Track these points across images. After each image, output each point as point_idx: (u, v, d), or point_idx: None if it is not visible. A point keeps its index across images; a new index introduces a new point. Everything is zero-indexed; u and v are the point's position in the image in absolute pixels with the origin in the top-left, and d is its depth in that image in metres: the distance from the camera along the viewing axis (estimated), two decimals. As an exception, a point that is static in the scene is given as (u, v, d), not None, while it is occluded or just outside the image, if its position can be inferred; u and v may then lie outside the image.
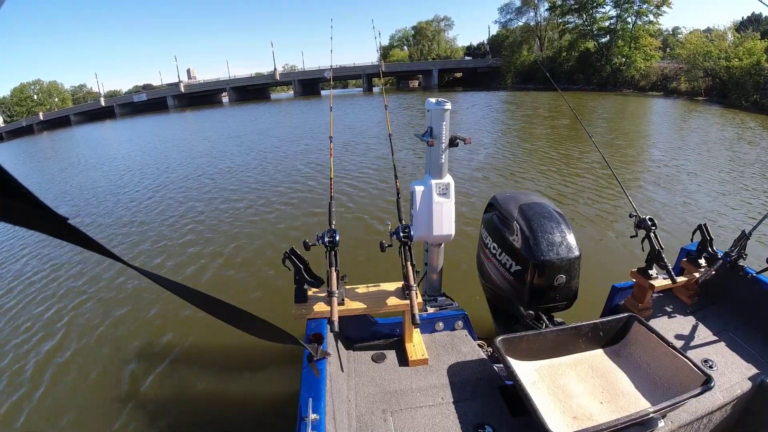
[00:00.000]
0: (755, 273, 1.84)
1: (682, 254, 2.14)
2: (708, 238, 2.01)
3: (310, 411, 1.15)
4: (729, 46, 20.93)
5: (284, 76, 48.27)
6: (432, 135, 2.02)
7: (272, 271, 4.42)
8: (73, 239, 0.41)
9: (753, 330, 1.81)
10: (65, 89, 51.65)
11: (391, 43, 58.59)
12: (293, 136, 15.19)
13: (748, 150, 8.84)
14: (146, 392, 2.90)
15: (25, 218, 0.35)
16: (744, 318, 1.88)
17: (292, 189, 7.59)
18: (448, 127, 2.03)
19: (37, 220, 0.37)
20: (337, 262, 1.64)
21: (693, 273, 1.99)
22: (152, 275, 0.57)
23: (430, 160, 2.07)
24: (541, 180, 7.09)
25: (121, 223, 6.78)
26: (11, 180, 0.33)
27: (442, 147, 2.03)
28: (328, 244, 1.65)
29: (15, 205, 0.34)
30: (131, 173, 10.94)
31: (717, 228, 4.52)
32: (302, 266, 1.63)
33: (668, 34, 40.24)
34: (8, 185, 0.33)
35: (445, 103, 1.99)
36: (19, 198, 0.34)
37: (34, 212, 0.35)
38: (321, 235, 1.66)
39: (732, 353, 1.70)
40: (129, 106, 44.39)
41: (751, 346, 1.73)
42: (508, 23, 42.36)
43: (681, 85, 23.27)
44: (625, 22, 29.79)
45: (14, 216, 0.34)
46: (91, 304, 4.21)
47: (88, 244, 0.43)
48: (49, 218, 0.37)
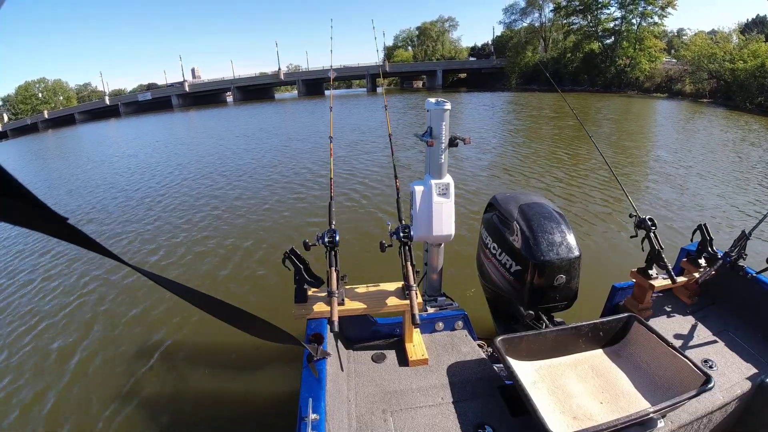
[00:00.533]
0: (755, 273, 1.84)
1: (682, 254, 2.14)
2: (708, 238, 2.01)
3: (310, 411, 1.16)
4: (734, 48, 20.95)
5: (288, 76, 48.37)
6: (432, 135, 2.02)
7: (272, 271, 4.42)
8: (73, 239, 0.41)
9: (753, 330, 1.81)
10: (70, 88, 51.79)
11: (396, 43, 58.72)
12: (299, 135, 15.25)
13: (749, 150, 8.85)
14: (145, 392, 2.90)
15: (25, 218, 0.36)
16: (744, 318, 1.88)
17: (294, 189, 7.60)
18: (448, 127, 2.03)
19: (37, 220, 0.37)
20: (337, 262, 1.64)
21: (693, 273, 1.99)
22: (152, 275, 0.57)
23: (430, 160, 2.08)
24: (541, 180, 7.09)
25: (131, 220, 6.80)
26: (11, 180, 0.33)
27: (442, 147, 2.03)
28: (328, 244, 1.66)
29: (15, 205, 0.34)
30: (130, 173, 10.96)
31: (717, 228, 4.53)
32: (302, 266, 1.63)
33: (673, 35, 40.36)
34: (8, 185, 0.33)
35: (445, 104, 1.99)
36: (19, 198, 0.34)
37: (34, 212, 0.36)
38: (321, 235, 1.66)
39: (732, 353, 1.70)
40: (133, 105, 44.46)
41: (751, 346, 1.73)
42: (513, 24, 42.50)
43: (685, 87, 23.30)
44: (629, 24, 29.82)
45: (14, 216, 0.34)
46: (90, 304, 4.21)
47: (88, 244, 0.43)
48: (49, 218, 0.37)
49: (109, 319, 3.88)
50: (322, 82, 48.57)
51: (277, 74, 47.19)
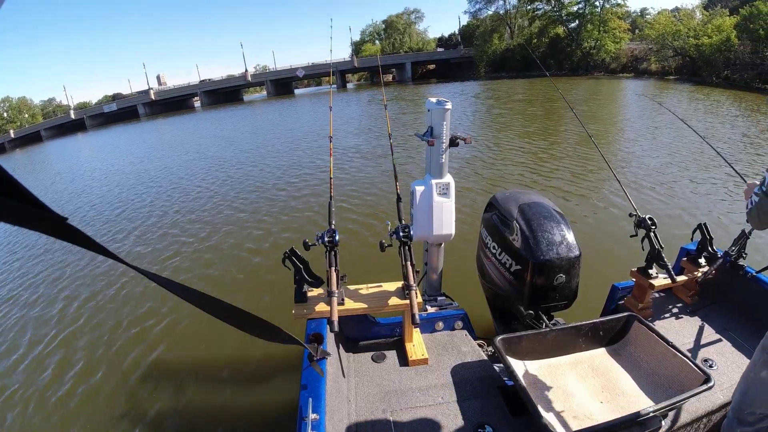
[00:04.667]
0: (755, 272, 1.85)
1: (682, 253, 2.14)
2: (708, 238, 2.01)
3: (310, 411, 1.16)
4: (698, 24, 21.23)
5: (256, 77, 47.55)
6: (432, 135, 2.02)
7: (272, 270, 4.41)
8: (72, 239, 0.41)
9: (753, 329, 1.81)
10: (35, 104, 50.33)
11: (363, 38, 57.72)
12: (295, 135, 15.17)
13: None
14: (145, 392, 2.90)
15: (25, 218, 0.35)
16: (744, 317, 1.88)
17: (294, 188, 7.59)
18: (449, 126, 2.03)
19: (37, 220, 0.37)
20: (337, 262, 1.64)
21: (693, 272, 1.99)
22: (152, 275, 0.57)
23: (431, 159, 2.07)
24: (541, 180, 7.09)
25: (132, 218, 6.78)
26: (10, 180, 0.33)
27: (443, 147, 2.03)
28: (328, 244, 1.66)
29: (14, 205, 0.34)
30: (89, 193, 10.87)
31: (716, 227, 4.52)
32: (302, 266, 1.63)
33: (636, 15, 40.73)
34: (7, 185, 0.33)
35: (446, 103, 1.99)
36: (18, 198, 0.34)
37: (33, 212, 0.35)
38: (321, 235, 1.66)
39: (732, 353, 1.70)
40: (100, 117, 43.26)
41: (751, 345, 1.73)
42: (478, 13, 42.46)
43: (651, 66, 23.62)
44: (593, 6, 30.13)
45: (14, 216, 0.34)
46: (89, 303, 4.21)
47: (88, 244, 0.43)
48: (49, 218, 0.37)
49: (107, 319, 3.88)
50: (290, 82, 47.99)
51: (245, 76, 46.24)
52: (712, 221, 4.77)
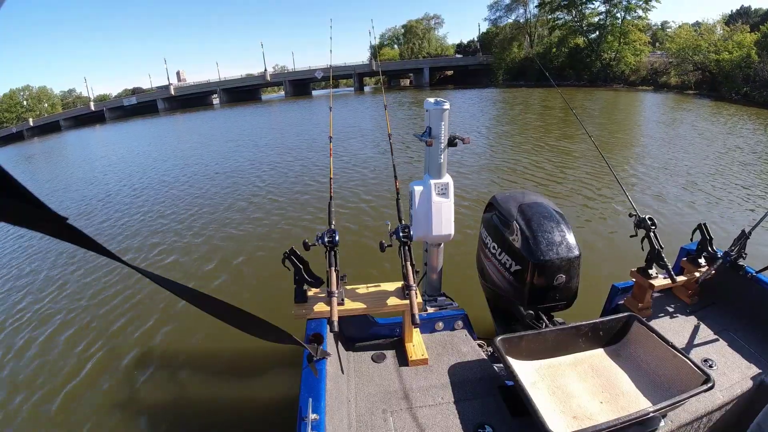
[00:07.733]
0: (755, 272, 1.84)
1: (681, 254, 2.14)
2: (708, 238, 2.01)
3: (310, 411, 1.16)
4: (718, 40, 21.06)
5: (275, 77, 47.90)
6: (431, 135, 2.02)
7: (272, 271, 4.41)
8: (73, 239, 0.41)
9: (753, 329, 1.81)
10: (55, 95, 50.66)
11: (382, 41, 57.89)
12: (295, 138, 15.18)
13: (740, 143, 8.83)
14: (145, 392, 2.90)
15: (25, 218, 0.35)
16: (744, 317, 1.88)
17: (294, 189, 7.60)
18: (447, 126, 2.03)
19: (37, 220, 0.37)
20: (337, 262, 1.64)
21: (693, 272, 1.99)
22: (152, 275, 0.57)
23: (429, 159, 2.07)
24: (541, 179, 7.09)
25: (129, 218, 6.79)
26: (11, 180, 0.33)
27: (441, 147, 2.03)
28: (328, 244, 1.65)
29: (15, 205, 0.34)
30: (106, 183, 10.92)
31: (716, 227, 4.53)
32: (302, 266, 1.63)
33: (657, 28, 40.52)
34: (8, 185, 0.33)
35: (444, 103, 1.99)
36: (18, 198, 0.34)
37: (34, 212, 0.35)
38: (321, 235, 1.66)
39: (732, 353, 1.70)
40: (119, 110, 43.77)
41: (751, 345, 1.73)
42: (498, 21, 42.42)
43: (671, 79, 23.44)
44: (614, 18, 30.04)
45: (14, 216, 0.34)
46: (89, 303, 4.21)
47: (88, 244, 0.43)
48: (49, 218, 0.37)
49: (107, 319, 3.87)
50: (309, 83, 48.06)
51: (264, 75, 46.63)
52: (712, 221, 4.77)
